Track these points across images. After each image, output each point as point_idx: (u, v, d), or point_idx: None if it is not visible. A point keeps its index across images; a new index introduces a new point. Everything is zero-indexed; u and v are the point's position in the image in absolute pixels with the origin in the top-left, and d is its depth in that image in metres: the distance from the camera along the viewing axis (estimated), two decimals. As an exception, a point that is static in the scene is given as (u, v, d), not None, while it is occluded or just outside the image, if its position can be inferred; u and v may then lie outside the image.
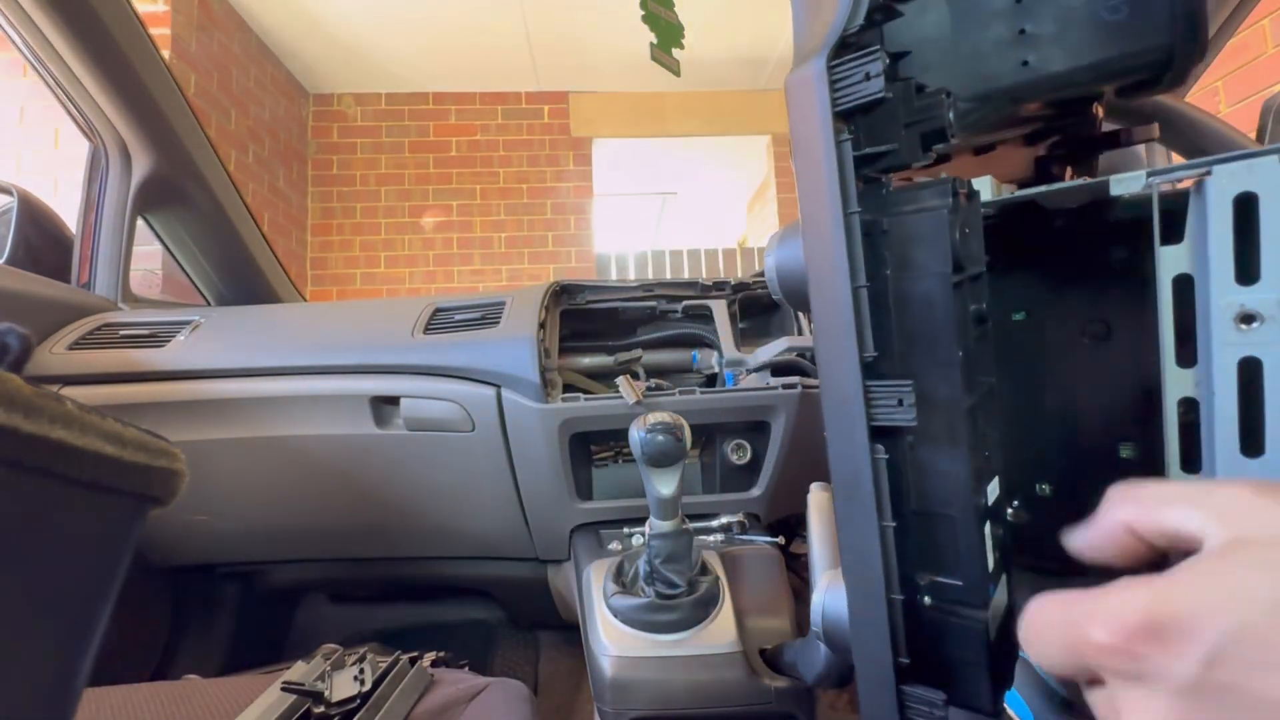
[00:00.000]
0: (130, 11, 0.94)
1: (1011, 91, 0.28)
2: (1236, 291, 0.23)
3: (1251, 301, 0.23)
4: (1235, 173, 0.23)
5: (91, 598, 0.25)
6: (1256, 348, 0.23)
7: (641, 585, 0.62)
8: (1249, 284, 0.23)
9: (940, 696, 0.28)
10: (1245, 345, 0.23)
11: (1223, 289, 0.23)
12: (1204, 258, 0.24)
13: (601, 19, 3.05)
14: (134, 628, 0.98)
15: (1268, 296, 0.23)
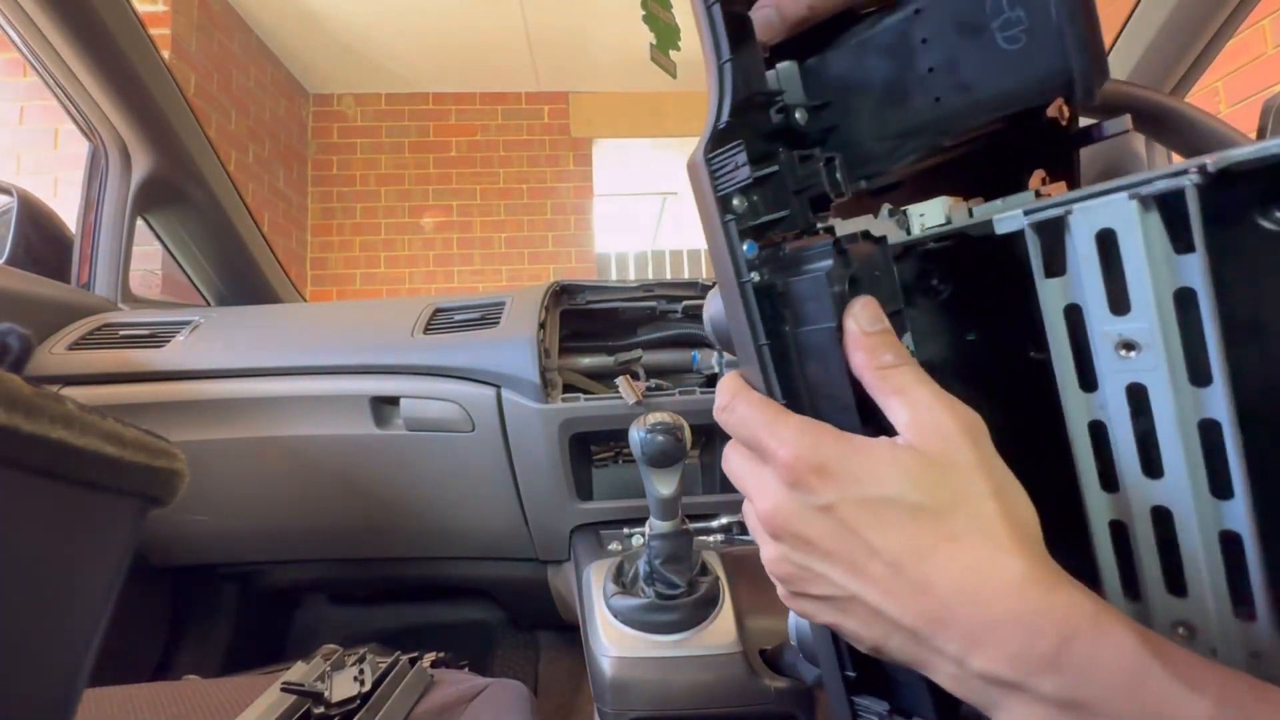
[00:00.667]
0: (130, 11, 0.94)
1: (931, 127, 0.29)
2: (1113, 321, 0.24)
3: (1128, 330, 0.24)
4: (1092, 209, 0.24)
5: (91, 598, 0.25)
6: (1139, 374, 0.24)
7: (641, 586, 0.62)
8: (1122, 314, 0.24)
9: (884, 706, 0.30)
10: (1129, 372, 0.24)
11: (1100, 319, 0.25)
12: (1081, 289, 0.25)
13: (601, 19, 3.06)
14: (134, 628, 0.98)
15: (1140, 325, 0.24)
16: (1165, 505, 0.24)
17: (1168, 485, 0.24)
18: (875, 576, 0.25)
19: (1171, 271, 0.23)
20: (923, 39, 0.28)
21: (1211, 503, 0.23)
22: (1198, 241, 0.23)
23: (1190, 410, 0.23)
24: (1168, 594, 0.25)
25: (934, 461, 0.24)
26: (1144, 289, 0.24)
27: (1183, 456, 0.23)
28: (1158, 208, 0.23)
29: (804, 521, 0.26)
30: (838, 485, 0.25)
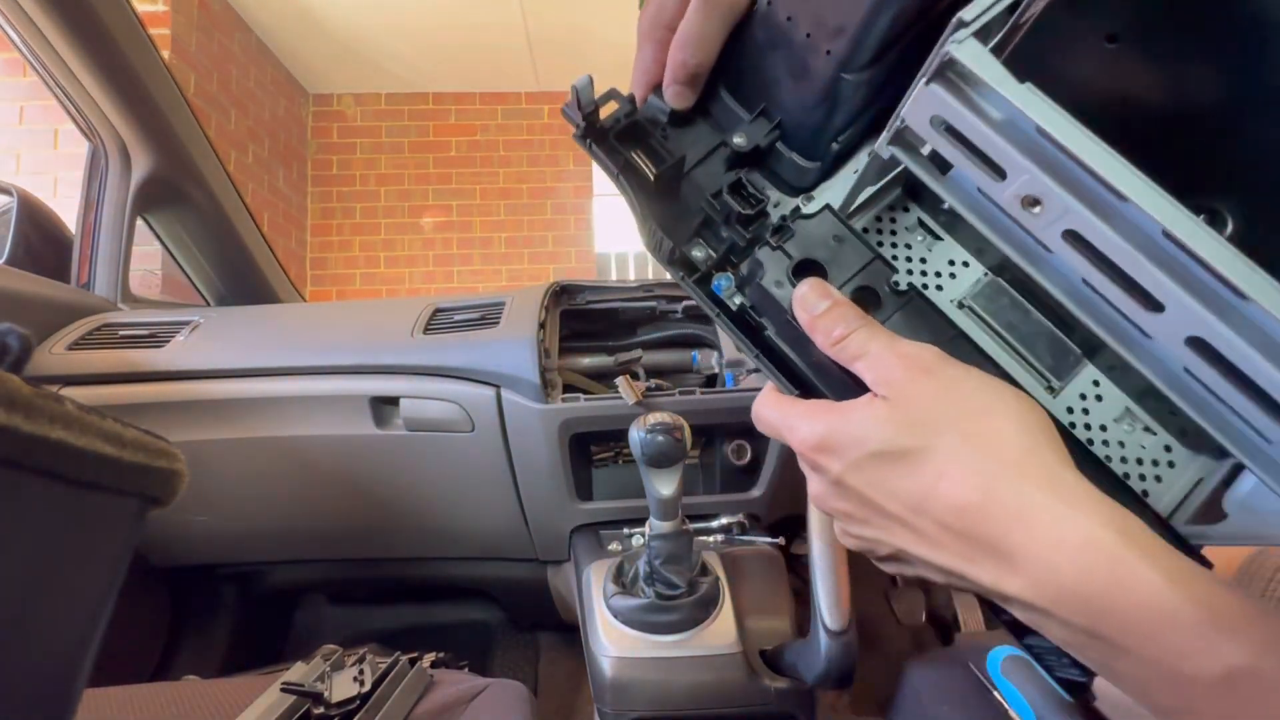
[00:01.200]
0: (130, 11, 0.94)
1: (835, 74, 0.31)
2: (1003, 187, 0.24)
3: (1018, 190, 0.24)
4: (912, 110, 0.25)
5: (91, 598, 0.25)
6: (1059, 222, 0.24)
7: (641, 586, 0.62)
8: (1004, 179, 0.24)
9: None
10: (1054, 224, 0.24)
11: (996, 189, 0.25)
12: (967, 175, 0.25)
13: (601, 19, 3.05)
14: (134, 628, 0.98)
15: (1021, 179, 0.23)
16: (1196, 333, 0.22)
17: (1167, 318, 0.22)
18: (900, 529, 0.26)
19: (1017, 114, 0.22)
20: (787, 17, 0.31)
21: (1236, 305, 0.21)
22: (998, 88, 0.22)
23: (1142, 231, 0.22)
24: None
25: (901, 405, 0.25)
26: (999, 147, 0.23)
27: (1169, 281, 0.22)
28: (965, 66, 0.23)
29: (833, 498, 0.29)
30: (837, 456, 0.27)
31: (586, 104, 0.33)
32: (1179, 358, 0.23)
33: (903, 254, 0.33)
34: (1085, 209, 0.22)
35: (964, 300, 0.32)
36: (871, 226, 0.34)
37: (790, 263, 0.31)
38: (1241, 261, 0.20)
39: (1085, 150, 0.21)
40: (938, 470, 0.24)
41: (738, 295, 0.33)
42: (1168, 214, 0.21)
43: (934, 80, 0.24)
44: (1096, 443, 0.29)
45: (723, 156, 0.35)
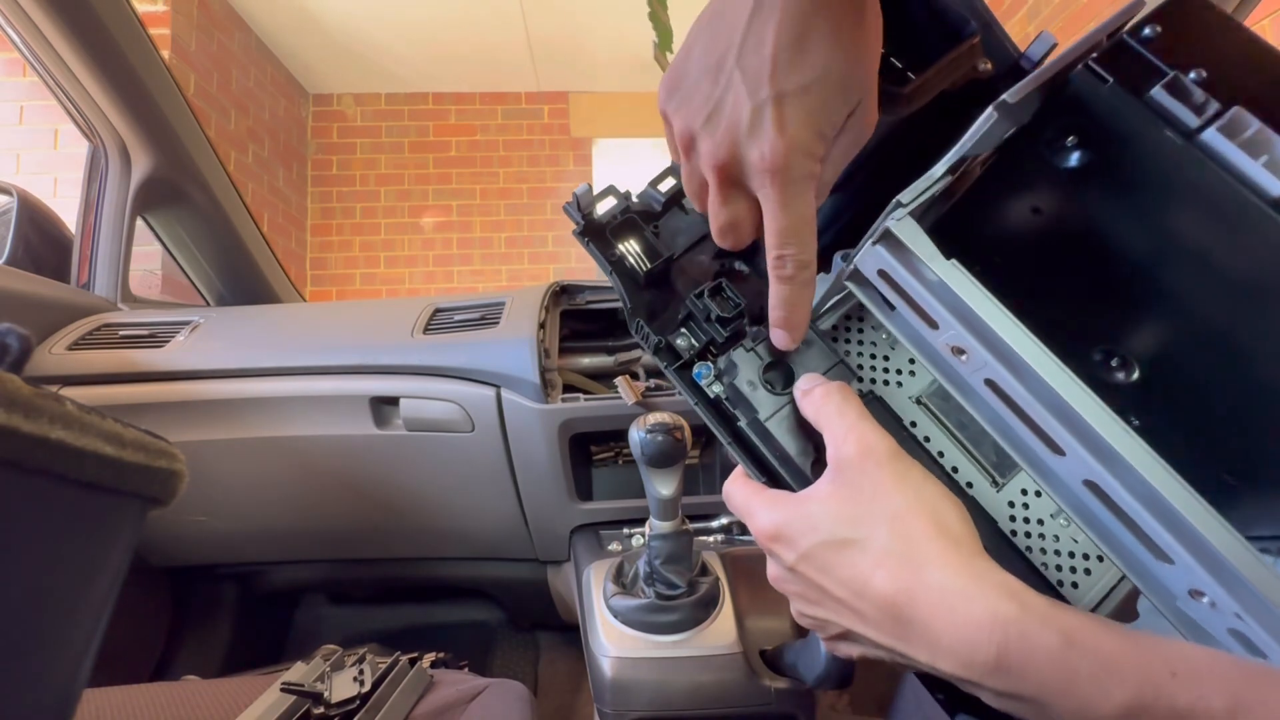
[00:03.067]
0: (130, 11, 0.94)
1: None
2: (936, 335, 0.28)
3: (947, 340, 0.28)
4: (863, 258, 0.29)
5: (92, 598, 0.25)
6: (982, 371, 0.27)
7: (641, 586, 0.62)
8: (936, 329, 0.28)
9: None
10: (977, 371, 0.27)
11: (930, 335, 0.28)
12: (905, 317, 0.29)
13: (601, 19, 3.05)
14: (134, 628, 0.98)
15: (949, 333, 0.27)
16: (1090, 478, 0.25)
17: (1069, 461, 0.26)
18: (847, 612, 0.28)
19: (949, 281, 0.26)
20: None
21: (1122, 467, 0.24)
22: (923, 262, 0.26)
23: (1046, 388, 0.25)
24: (1158, 562, 0.25)
25: (847, 496, 0.28)
26: (932, 304, 0.27)
27: (1066, 433, 0.25)
28: (904, 233, 0.26)
29: (788, 581, 0.31)
30: (790, 546, 0.29)
31: (585, 206, 0.37)
32: (1081, 492, 0.26)
33: (867, 351, 0.37)
34: (1000, 365, 0.26)
35: (921, 397, 0.35)
36: (840, 324, 0.37)
37: (762, 364, 0.34)
38: (1116, 424, 0.24)
39: (996, 322, 0.25)
40: (874, 561, 0.26)
41: (715, 384, 0.36)
42: (1059, 380, 0.24)
43: (879, 243, 0.28)
44: (1034, 535, 0.32)
45: (710, 247, 0.39)
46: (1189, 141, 0.24)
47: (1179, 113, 0.24)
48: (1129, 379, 0.27)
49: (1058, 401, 0.24)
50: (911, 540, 0.26)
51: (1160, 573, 0.25)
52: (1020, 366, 0.25)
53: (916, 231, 0.26)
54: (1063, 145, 0.27)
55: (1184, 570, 0.24)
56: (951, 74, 0.29)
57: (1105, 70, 0.25)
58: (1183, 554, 0.23)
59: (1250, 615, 0.22)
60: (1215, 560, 0.22)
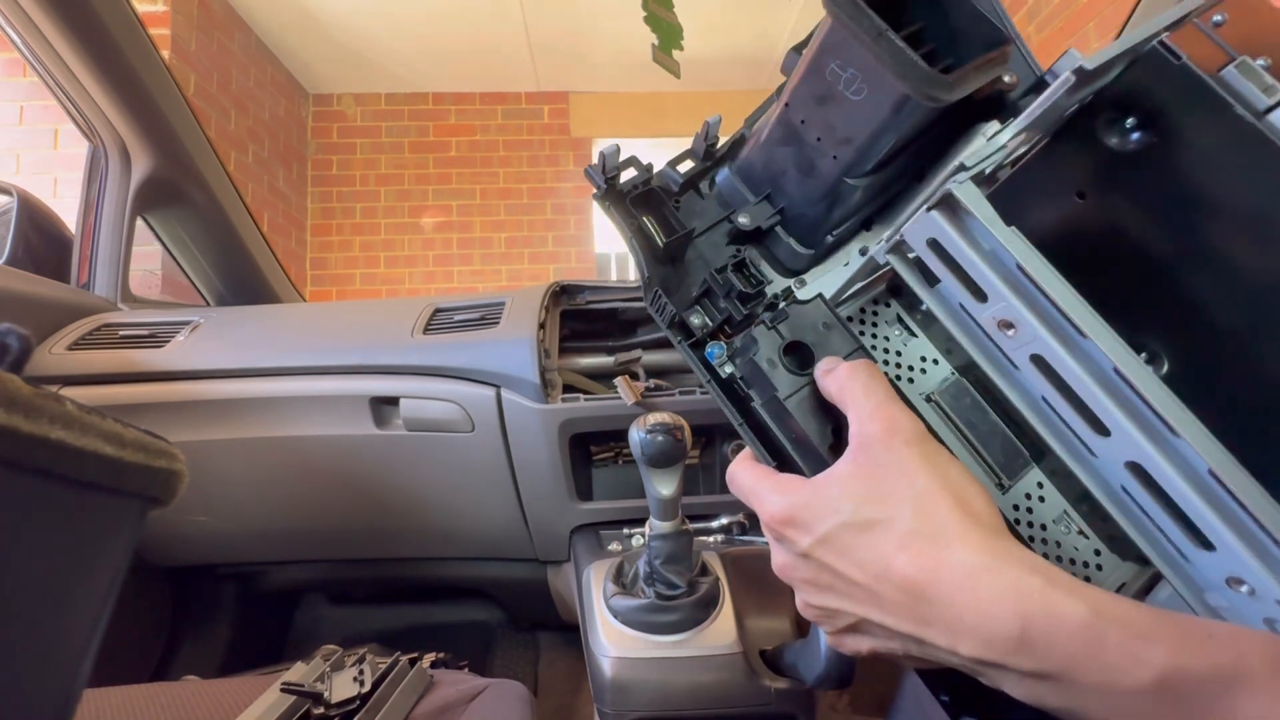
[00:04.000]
0: (130, 11, 0.94)
1: (839, 179, 0.34)
2: (983, 309, 0.28)
3: (996, 313, 0.27)
4: (912, 228, 0.29)
5: (92, 598, 0.25)
6: (1030, 346, 0.27)
7: (641, 586, 0.62)
8: (984, 302, 0.28)
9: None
10: (1023, 346, 0.27)
11: (976, 310, 0.28)
12: (952, 291, 0.29)
13: (601, 19, 3.05)
14: (134, 628, 0.98)
15: (1000, 306, 0.27)
16: (1135, 459, 0.25)
17: (1113, 442, 0.25)
18: (862, 598, 0.27)
19: (1001, 249, 0.26)
20: (801, 120, 0.34)
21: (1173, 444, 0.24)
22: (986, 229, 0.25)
23: (1096, 365, 0.25)
24: (1197, 550, 0.25)
25: (871, 475, 0.27)
26: (984, 275, 0.27)
27: (1116, 411, 0.24)
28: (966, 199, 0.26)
29: (797, 569, 0.30)
30: (805, 531, 0.28)
31: (610, 169, 0.37)
32: (1119, 477, 0.26)
33: (880, 345, 0.36)
34: (1051, 339, 0.25)
35: (932, 395, 0.35)
36: (855, 316, 0.37)
37: (782, 343, 0.33)
38: (1174, 402, 0.23)
39: (1055, 290, 0.25)
40: (898, 542, 0.26)
41: (728, 365, 0.36)
42: (1119, 354, 0.24)
43: (935, 208, 0.27)
44: (1036, 540, 0.32)
45: (724, 230, 0.39)
46: (1259, 120, 0.24)
47: (1249, 92, 0.24)
48: (1157, 373, 0.27)
49: (1109, 378, 0.24)
50: (936, 520, 0.26)
51: (1198, 560, 0.25)
52: (1072, 340, 0.25)
53: (978, 196, 0.26)
54: (1122, 127, 0.27)
55: (1225, 556, 0.23)
56: (982, 76, 0.29)
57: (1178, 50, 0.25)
58: (1228, 539, 0.23)
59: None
60: (1262, 544, 0.22)
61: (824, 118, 0.33)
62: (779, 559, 0.31)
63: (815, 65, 0.32)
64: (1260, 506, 0.22)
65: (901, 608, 0.26)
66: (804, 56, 0.33)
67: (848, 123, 0.32)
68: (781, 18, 3.12)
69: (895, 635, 0.27)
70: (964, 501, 0.26)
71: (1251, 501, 0.22)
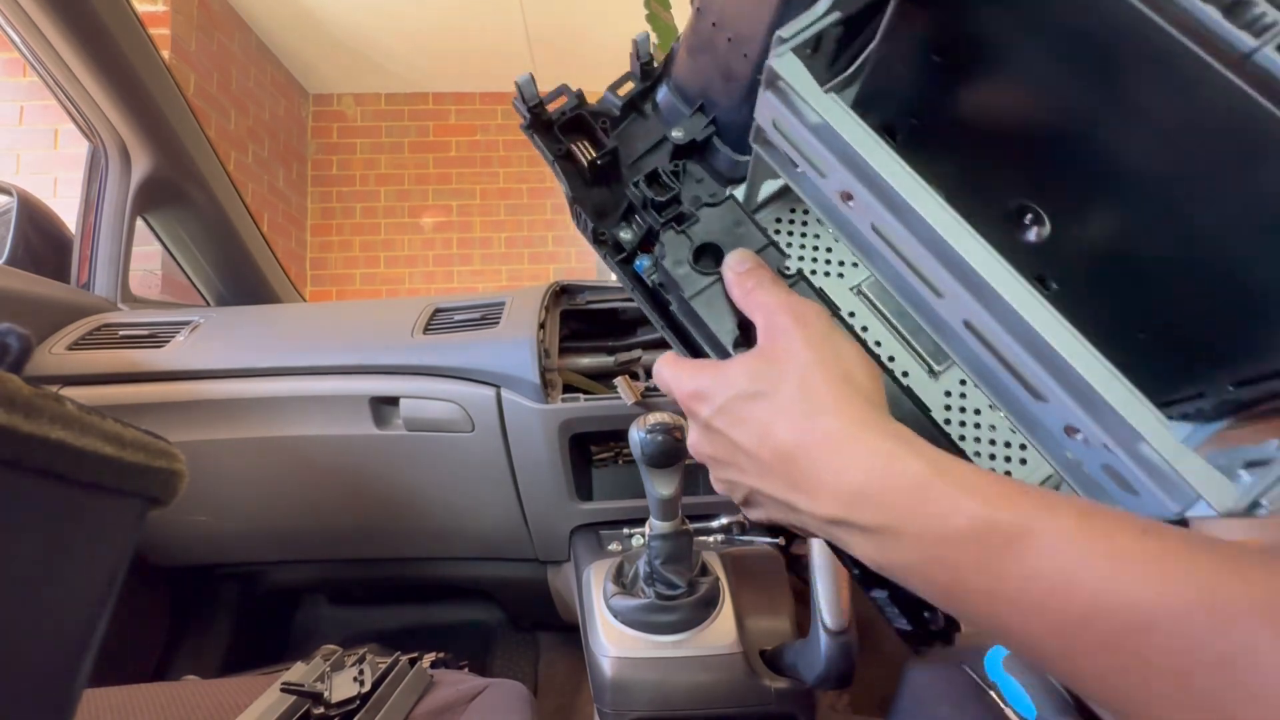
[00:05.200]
0: (130, 11, 0.94)
1: (755, 75, 0.33)
2: (825, 183, 0.28)
3: (837, 185, 0.27)
4: (761, 108, 0.29)
5: (91, 598, 0.25)
6: (866, 215, 0.27)
7: (641, 586, 0.62)
8: (825, 177, 0.28)
9: (885, 594, 0.33)
10: (861, 216, 0.27)
11: (823, 184, 0.28)
12: (805, 173, 0.29)
13: (601, 19, 3.05)
14: (134, 628, 0.98)
15: (836, 177, 0.27)
16: (967, 318, 0.25)
17: (951, 302, 0.26)
18: (750, 466, 0.29)
19: (825, 115, 0.25)
20: (712, 23, 0.33)
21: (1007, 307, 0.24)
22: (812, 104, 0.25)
23: (926, 229, 0.24)
24: (1036, 402, 0.25)
25: (768, 354, 0.29)
26: (816, 148, 0.26)
27: (945, 273, 0.25)
28: (791, 70, 0.26)
29: (703, 443, 0.32)
30: (707, 403, 0.30)
31: (530, 98, 0.37)
32: (963, 337, 0.26)
33: (810, 243, 0.37)
34: (882, 207, 0.25)
35: (861, 287, 0.36)
36: (784, 217, 0.38)
37: (692, 245, 0.34)
38: (990, 256, 0.23)
39: (873, 156, 0.25)
40: (776, 409, 0.27)
41: (655, 273, 0.36)
42: (934, 213, 0.24)
43: (768, 89, 0.27)
44: (969, 425, 0.33)
45: (665, 150, 0.39)
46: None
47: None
48: (1041, 236, 0.26)
49: (934, 239, 0.24)
50: (814, 391, 0.27)
51: (1039, 413, 0.25)
52: (899, 206, 0.25)
53: (798, 68, 0.26)
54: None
55: (1057, 406, 0.24)
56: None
57: None
58: (1054, 388, 0.23)
59: (1116, 443, 0.23)
60: (1081, 390, 0.22)
61: (729, 15, 0.33)
62: (691, 437, 0.33)
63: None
64: (1077, 354, 0.22)
65: (776, 473, 0.28)
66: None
67: (747, 18, 0.31)
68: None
69: (775, 502, 0.29)
70: (846, 375, 0.27)
71: (1067, 349, 0.22)
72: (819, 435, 0.26)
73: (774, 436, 0.27)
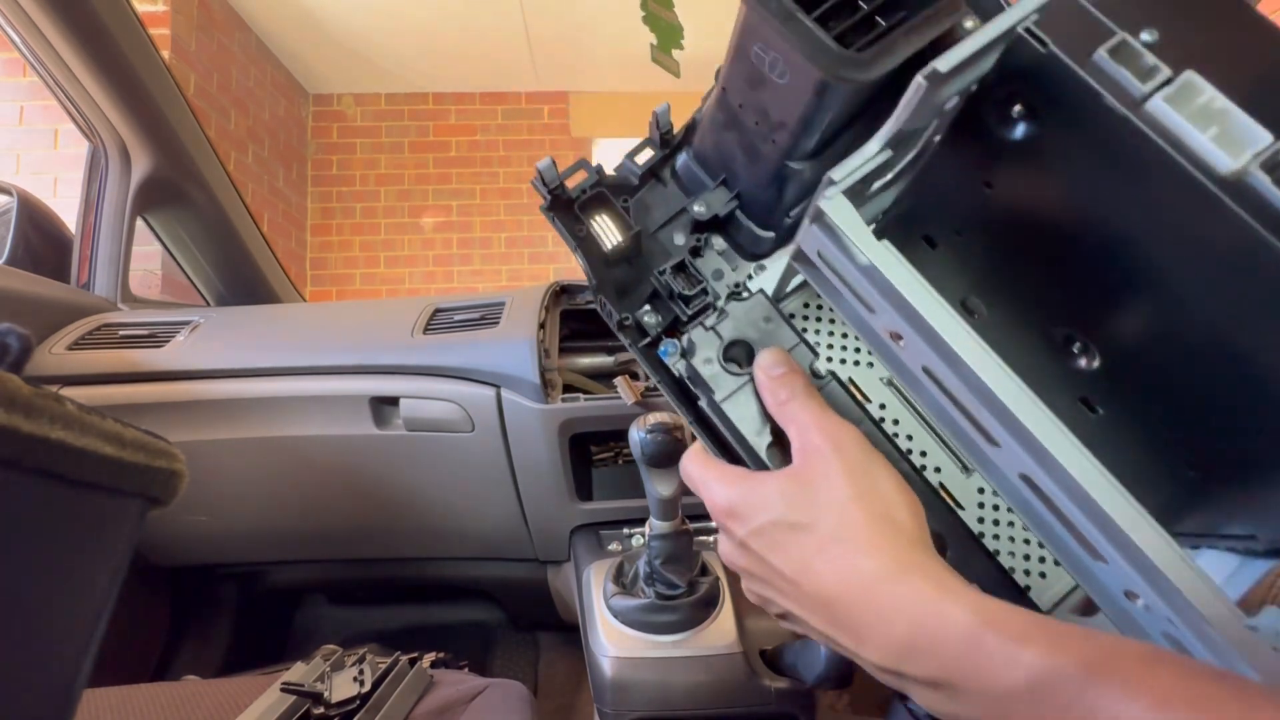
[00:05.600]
0: (130, 11, 0.94)
1: (780, 162, 0.33)
2: (874, 319, 0.27)
3: (885, 324, 0.27)
4: (805, 238, 0.28)
5: (91, 598, 0.25)
6: (917, 358, 0.26)
7: (641, 586, 0.62)
8: (874, 313, 0.27)
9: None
10: (911, 357, 0.26)
11: (870, 318, 0.28)
12: (852, 300, 0.28)
13: (601, 19, 3.05)
14: (134, 628, 0.98)
15: (885, 318, 0.26)
16: (1024, 472, 0.25)
17: (1008, 453, 0.25)
18: (787, 592, 0.29)
19: (879, 264, 0.25)
20: (739, 104, 0.33)
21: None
22: (859, 247, 0.24)
23: (974, 381, 0.24)
24: (1095, 561, 0.24)
25: (805, 481, 0.28)
26: (866, 289, 0.26)
27: (999, 425, 0.24)
28: (837, 210, 0.25)
29: (737, 557, 0.32)
30: (743, 522, 0.30)
31: (551, 181, 0.36)
32: (1017, 487, 0.26)
33: (838, 331, 0.36)
34: (934, 353, 0.25)
35: (892, 379, 0.34)
36: (811, 302, 0.37)
37: (721, 343, 0.33)
38: (1049, 420, 0.22)
39: (926, 308, 0.24)
40: (817, 546, 0.27)
41: (680, 362, 0.36)
42: (989, 370, 0.23)
43: (814, 223, 0.26)
44: (1003, 523, 0.32)
45: (686, 220, 0.38)
46: (1134, 112, 0.21)
47: (1123, 79, 0.21)
48: (1090, 365, 0.26)
49: (987, 391, 0.24)
50: (854, 529, 0.26)
51: (1098, 571, 0.25)
52: (950, 355, 0.24)
53: (848, 211, 0.25)
54: (1008, 115, 0.25)
55: (1117, 570, 0.23)
56: (925, 34, 0.26)
57: (1046, 32, 0.23)
58: (1115, 555, 0.23)
59: (1181, 620, 0.22)
60: (1144, 563, 0.22)
61: (757, 101, 0.31)
62: (723, 545, 0.33)
63: (740, 48, 0.30)
64: (1133, 523, 0.21)
65: (817, 608, 0.27)
66: (731, 38, 0.31)
67: (779, 107, 0.30)
68: (781, 18, 3.11)
69: (816, 631, 0.28)
70: (886, 512, 0.27)
71: (1127, 522, 0.21)
72: (861, 580, 0.25)
73: (814, 573, 0.27)
